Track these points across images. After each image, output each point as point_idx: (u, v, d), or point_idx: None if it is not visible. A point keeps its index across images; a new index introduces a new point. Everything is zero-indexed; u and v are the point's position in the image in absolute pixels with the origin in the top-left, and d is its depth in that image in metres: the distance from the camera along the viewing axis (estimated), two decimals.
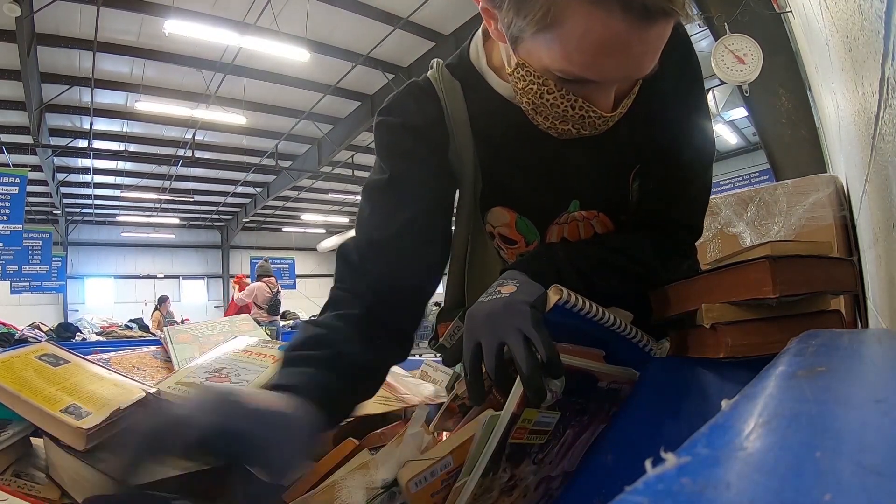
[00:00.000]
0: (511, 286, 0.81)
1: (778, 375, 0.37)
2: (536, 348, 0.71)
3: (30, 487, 0.93)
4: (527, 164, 0.99)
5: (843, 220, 2.42)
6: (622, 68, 0.71)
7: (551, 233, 1.04)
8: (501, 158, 1.00)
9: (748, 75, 4.57)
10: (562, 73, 0.73)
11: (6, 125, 11.43)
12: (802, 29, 3.35)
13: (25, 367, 1.04)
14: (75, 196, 17.97)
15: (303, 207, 20.91)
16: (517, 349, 0.71)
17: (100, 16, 8.13)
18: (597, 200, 1.01)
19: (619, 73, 0.73)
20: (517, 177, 1.01)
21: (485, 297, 0.82)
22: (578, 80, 0.73)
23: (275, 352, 1.24)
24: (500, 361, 0.75)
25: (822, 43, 1.91)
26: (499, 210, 1.04)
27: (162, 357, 1.42)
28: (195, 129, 12.34)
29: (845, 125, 1.77)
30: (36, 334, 6.51)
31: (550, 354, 0.70)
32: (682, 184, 0.99)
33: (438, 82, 0.99)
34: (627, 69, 0.72)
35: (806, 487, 0.18)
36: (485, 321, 0.77)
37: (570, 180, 1.00)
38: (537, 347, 0.71)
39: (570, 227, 1.03)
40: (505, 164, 1.00)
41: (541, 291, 0.79)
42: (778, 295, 0.75)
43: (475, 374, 0.78)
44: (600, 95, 0.76)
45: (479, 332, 0.77)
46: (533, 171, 1.00)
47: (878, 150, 1.03)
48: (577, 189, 1.00)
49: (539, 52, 0.73)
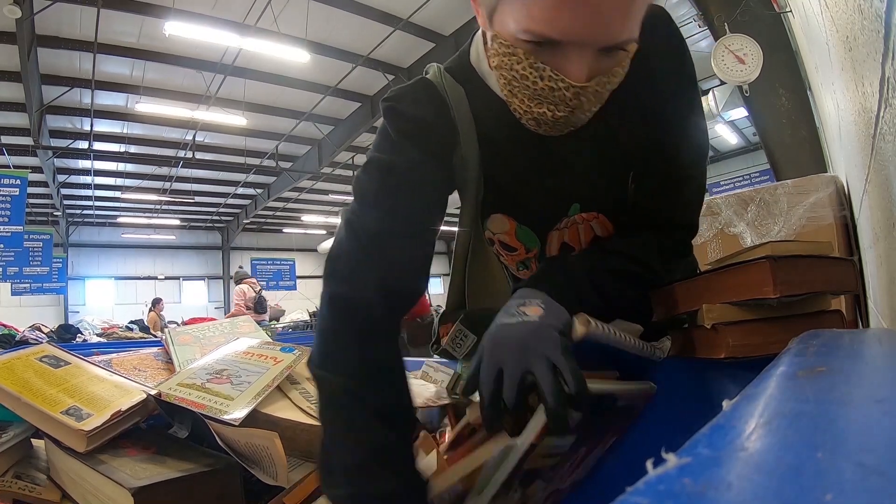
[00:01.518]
0: (537, 308, 0.77)
1: (779, 376, 0.37)
2: (565, 379, 0.68)
3: (31, 489, 0.93)
4: (527, 168, 0.98)
5: (843, 219, 2.41)
6: (587, 27, 0.68)
7: (552, 238, 1.04)
8: (503, 164, 0.98)
9: (748, 75, 4.57)
10: (528, 34, 0.71)
11: (6, 127, 11.43)
12: (802, 29, 3.35)
13: (26, 369, 1.04)
14: (76, 198, 17.96)
15: (303, 209, 20.90)
16: (545, 379, 0.68)
17: (100, 17, 8.12)
18: (597, 202, 1.01)
19: (585, 32, 0.69)
20: (518, 184, 1.00)
21: (507, 317, 0.78)
22: (544, 41, 0.71)
23: (275, 353, 1.24)
24: (521, 391, 0.72)
25: (822, 42, 1.91)
26: (499, 217, 1.03)
27: (163, 358, 1.42)
28: (195, 130, 12.34)
29: (845, 125, 1.77)
30: (37, 336, 6.49)
31: (579, 387, 0.67)
32: (679, 183, 0.98)
33: (442, 85, 0.97)
34: (594, 29, 0.69)
35: (807, 487, 0.18)
36: (511, 348, 0.73)
37: (571, 183, 0.99)
38: (566, 379, 0.68)
39: (571, 232, 1.02)
40: (506, 170, 0.98)
41: (566, 316, 0.76)
42: (779, 295, 0.75)
43: (494, 402, 0.74)
44: (569, 64, 0.73)
45: (503, 357, 0.74)
46: (533, 176, 0.98)
47: (879, 150, 1.03)
48: (577, 191, 1.00)
49: (507, 18, 0.72)
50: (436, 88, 0.97)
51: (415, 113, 0.94)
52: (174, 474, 0.89)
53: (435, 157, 0.95)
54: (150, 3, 8.29)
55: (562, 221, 1.02)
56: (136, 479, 0.84)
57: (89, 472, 0.87)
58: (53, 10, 7.87)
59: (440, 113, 0.95)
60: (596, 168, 0.98)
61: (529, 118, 0.82)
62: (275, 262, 17.30)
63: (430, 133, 0.94)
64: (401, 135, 0.94)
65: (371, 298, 0.87)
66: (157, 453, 0.97)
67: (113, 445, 0.95)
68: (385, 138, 0.96)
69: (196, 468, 0.92)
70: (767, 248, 0.83)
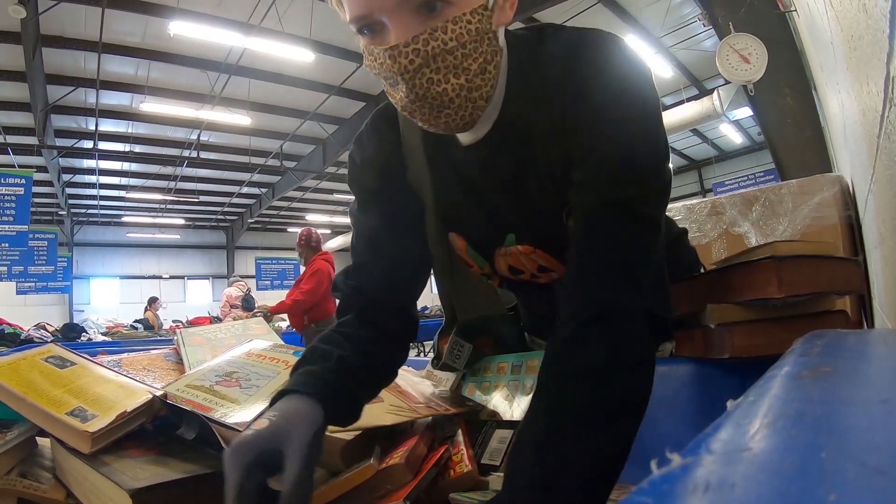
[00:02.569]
0: None
1: (783, 376, 0.37)
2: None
3: (35, 487, 0.93)
4: (465, 192, 0.97)
5: (848, 219, 2.41)
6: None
7: (498, 261, 1.04)
8: (447, 185, 0.98)
9: (753, 74, 4.56)
10: (352, 22, 0.76)
11: (12, 126, 11.47)
12: (807, 28, 3.34)
13: (31, 369, 1.04)
14: (81, 197, 18.01)
15: (308, 208, 20.93)
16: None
17: (105, 17, 8.14)
18: (530, 236, 0.98)
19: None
20: (458, 206, 1.00)
21: None
22: (363, 23, 0.75)
23: (288, 356, 1.24)
24: None
25: (827, 42, 1.90)
26: (453, 236, 1.05)
27: (174, 359, 1.42)
28: (200, 129, 12.36)
29: (850, 124, 1.76)
30: (42, 334, 6.51)
31: None
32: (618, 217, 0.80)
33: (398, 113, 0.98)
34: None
35: (811, 488, 0.18)
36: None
37: (500, 216, 0.97)
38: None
39: (514, 258, 1.01)
40: (450, 191, 0.98)
41: None
42: (783, 295, 0.75)
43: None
44: (390, 36, 0.74)
45: None
46: (471, 201, 0.98)
47: (884, 150, 1.03)
48: (509, 222, 0.98)
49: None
50: (388, 117, 1.02)
51: (363, 156, 1.02)
52: (175, 476, 0.89)
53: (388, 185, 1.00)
54: (154, 3, 8.31)
55: (500, 249, 1.02)
56: (135, 481, 0.83)
57: (91, 471, 0.87)
58: (58, 10, 7.89)
59: (387, 143, 1.00)
60: (521, 206, 0.94)
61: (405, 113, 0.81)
62: (279, 261, 17.28)
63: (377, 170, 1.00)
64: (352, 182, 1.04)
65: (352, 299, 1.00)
66: (161, 454, 0.96)
67: (117, 446, 0.95)
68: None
69: (198, 470, 0.92)
70: (772, 248, 0.83)
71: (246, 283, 9.79)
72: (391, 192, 1.00)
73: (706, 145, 16.58)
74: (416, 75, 0.74)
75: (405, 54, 0.73)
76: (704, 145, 16.59)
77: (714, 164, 17.56)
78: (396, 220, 1.00)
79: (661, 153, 0.82)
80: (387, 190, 1.00)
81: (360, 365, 0.89)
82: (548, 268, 0.99)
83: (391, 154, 1.00)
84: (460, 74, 0.75)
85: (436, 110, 0.77)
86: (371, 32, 0.76)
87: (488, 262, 1.05)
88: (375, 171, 1.00)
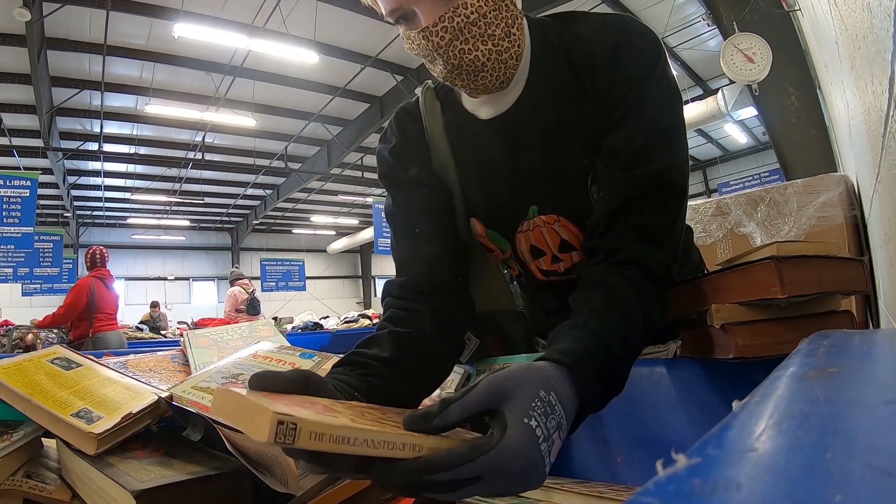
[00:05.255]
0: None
1: (789, 376, 0.37)
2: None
3: (41, 488, 0.93)
4: (487, 171, 1.03)
5: (853, 219, 2.40)
6: None
7: (519, 241, 1.06)
8: (469, 170, 1.04)
9: (757, 74, 4.56)
10: (388, 15, 0.87)
11: (17, 129, 11.53)
12: (811, 27, 3.33)
13: (37, 371, 1.04)
14: (86, 199, 18.09)
15: (312, 209, 20.98)
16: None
17: (109, 19, 8.18)
18: (554, 204, 1.00)
19: None
20: (480, 187, 1.05)
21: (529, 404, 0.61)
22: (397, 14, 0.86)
23: (294, 358, 1.23)
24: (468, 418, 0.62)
25: (831, 41, 1.90)
26: (474, 221, 1.09)
27: (180, 360, 1.42)
28: (205, 131, 12.41)
29: (855, 124, 1.76)
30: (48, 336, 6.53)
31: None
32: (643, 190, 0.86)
33: (422, 103, 1.08)
34: None
35: (816, 488, 0.18)
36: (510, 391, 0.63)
37: (525, 185, 1.00)
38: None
39: (536, 235, 1.03)
40: (472, 176, 1.05)
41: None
42: (786, 295, 0.75)
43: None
44: (420, 23, 0.85)
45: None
46: (492, 179, 1.02)
47: (889, 149, 1.03)
48: (532, 193, 1.00)
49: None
50: (410, 112, 1.10)
51: (390, 149, 1.09)
52: (179, 477, 0.88)
53: (416, 176, 1.05)
54: (158, 6, 8.34)
55: (522, 224, 1.04)
56: (140, 482, 0.83)
57: (96, 473, 0.87)
58: (63, 13, 7.94)
59: (410, 135, 1.08)
60: (548, 170, 0.98)
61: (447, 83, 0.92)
62: (284, 262, 17.27)
63: (404, 161, 1.07)
64: (383, 177, 1.10)
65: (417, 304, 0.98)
66: (166, 455, 0.96)
67: (122, 447, 0.95)
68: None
69: (203, 471, 0.92)
70: (773, 249, 0.83)
71: (251, 283, 9.41)
72: (422, 181, 1.05)
73: (711, 145, 16.58)
74: (449, 48, 0.84)
75: (435, 32, 0.83)
76: (709, 145, 16.59)
77: (719, 164, 17.55)
78: (431, 207, 1.04)
79: (684, 124, 0.93)
80: (418, 179, 1.05)
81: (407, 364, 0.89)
82: (570, 243, 1.01)
83: (416, 145, 1.07)
84: (487, 41, 0.85)
85: (472, 75, 0.87)
86: (406, 21, 0.87)
87: (509, 243, 1.08)
88: (404, 162, 1.07)
